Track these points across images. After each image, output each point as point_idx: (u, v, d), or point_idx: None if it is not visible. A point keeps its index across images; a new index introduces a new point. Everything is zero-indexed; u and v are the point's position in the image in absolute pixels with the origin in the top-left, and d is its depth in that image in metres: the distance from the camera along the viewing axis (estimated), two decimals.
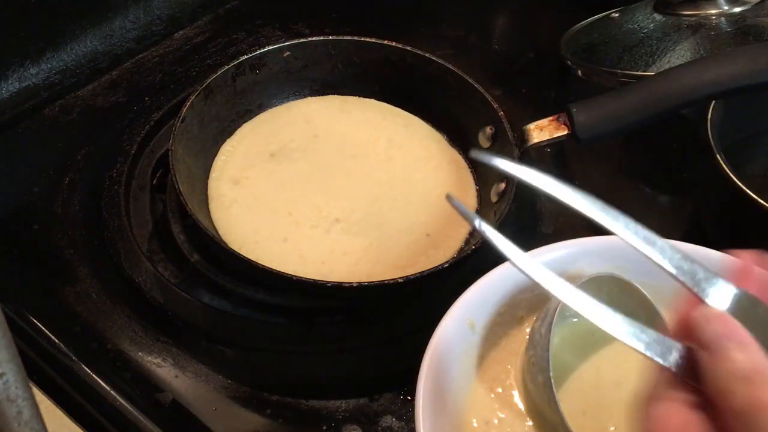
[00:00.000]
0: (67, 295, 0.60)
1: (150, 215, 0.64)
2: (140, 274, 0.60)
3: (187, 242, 0.60)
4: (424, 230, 0.63)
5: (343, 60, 0.72)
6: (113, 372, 0.55)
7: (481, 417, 0.45)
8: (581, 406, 0.45)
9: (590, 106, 0.61)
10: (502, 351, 0.48)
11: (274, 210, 0.63)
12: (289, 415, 0.54)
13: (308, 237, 0.61)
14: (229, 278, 0.58)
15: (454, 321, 0.45)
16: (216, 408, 0.54)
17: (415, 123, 0.72)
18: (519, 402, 0.46)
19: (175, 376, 0.55)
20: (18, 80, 0.74)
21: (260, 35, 0.85)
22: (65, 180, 0.68)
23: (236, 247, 0.58)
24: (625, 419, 0.45)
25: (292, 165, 0.66)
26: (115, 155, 0.69)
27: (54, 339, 0.56)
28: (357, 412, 0.54)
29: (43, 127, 0.73)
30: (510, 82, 0.82)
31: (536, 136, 0.62)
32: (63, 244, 0.63)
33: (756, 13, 0.68)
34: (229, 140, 0.68)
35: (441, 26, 0.88)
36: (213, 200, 0.63)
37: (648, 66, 0.67)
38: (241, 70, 0.68)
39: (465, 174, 0.68)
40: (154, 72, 0.79)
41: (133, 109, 0.75)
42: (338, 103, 0.72)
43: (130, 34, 0.82)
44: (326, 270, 0.59)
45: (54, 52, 0.76)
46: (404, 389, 0.55)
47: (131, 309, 0.59)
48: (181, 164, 0.60)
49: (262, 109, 0.71)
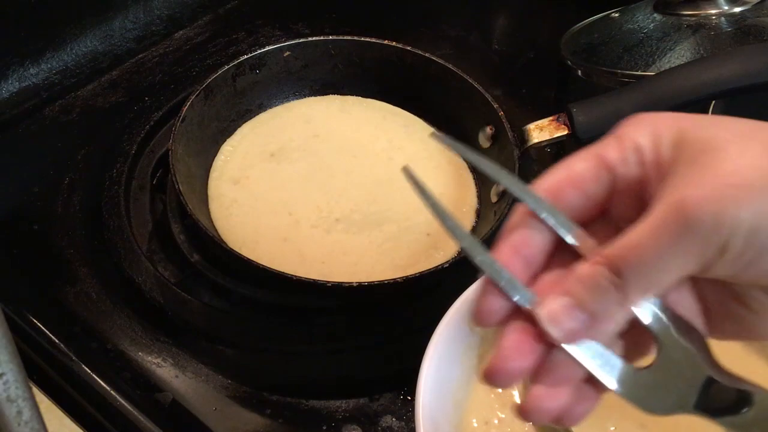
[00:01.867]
0: (67, 295, 0.60)
1: (150, 215, 0.64)
2: (140, 274, 0.60)
3: (187, 242, 0.60)
4: (424, 230, 0.63)
5: (343, 60, 0.72)
6: (113, 372, 0.55)
7: (481, 417, 0.45)
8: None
9: (590, 106, 0.61)
10: None
11: (274, 210, 0.63)
12: (289, 415, 0.54)
13: (308, 237, 0.61)
14: (229, 278, 0.58)
15: (454, 321, 0.45)
16: (216, 408, 0.54)
17: (415, 123, 0.72)
18: (519, 402, 0.46)
19: (175, 376, 0.55)
20: (18, 80, 0.74)
21: (260, 35, 0.85)
22: (65, 180, 0.68)
23: (236, 247, 0.58)
24: (625, 419, 0.45)
25: (292, 165, 0.66)
26: (115, 155, 0.69)
27: (54, 339, 0.56)
28: (357, 412, 0.54)
29: (43, 127, 0.73)
30: (510, 82, 0.82)
31: (536, 136, 0.62)
32: (63, 244, 0.63)
33: (756, 13, 0.68)
34: (229, 140, 0.68)
35: (441, 26, 0.88)
36: (213, 200, 0.63)
37: (648, 66, 0.66)
38: (241, 70, 0.68)
39: (465, 174, 0.68)
40: (154, 72, 0.79)
41: (133, 109, 0.75)
42: (338, 103, 0.72)
43: (130, 34, 0.82)
44: (326, 270, 0.59)
45: (54, 52, 0.76)
46: (404, 389, 0.55)
47: (131, 309, 0.59)
48: (181, 164, 0.60)
49: (262, 108, 0.71)
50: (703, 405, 0.30)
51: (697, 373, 0.30)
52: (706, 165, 0.28)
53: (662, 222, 0.27)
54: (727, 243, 0.27)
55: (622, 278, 0.28)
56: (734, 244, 0.27)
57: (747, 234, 0.27)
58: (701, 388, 0.30)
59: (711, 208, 0.26)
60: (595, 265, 0.29)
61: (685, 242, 0.27)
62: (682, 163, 0.28)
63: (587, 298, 0.29)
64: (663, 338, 0.30)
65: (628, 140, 0.30)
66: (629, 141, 0.30)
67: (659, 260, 0.28)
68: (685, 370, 0.30)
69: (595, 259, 0.29)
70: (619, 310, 0.29)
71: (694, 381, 0.30)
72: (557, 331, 0.30)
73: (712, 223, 0.26)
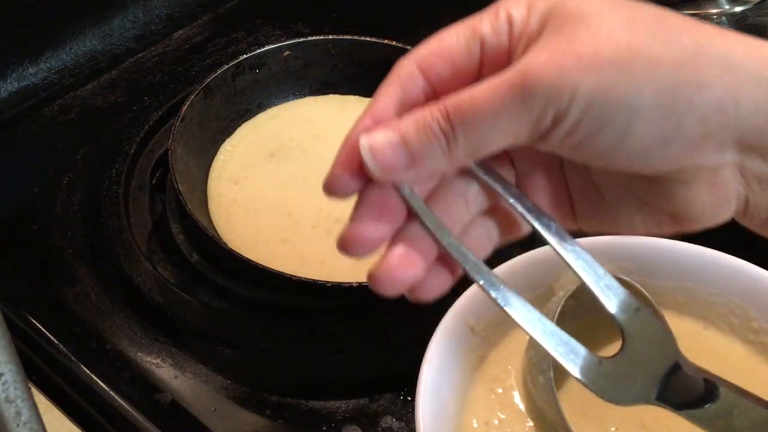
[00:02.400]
0: (66, 295, 0.59)
1: (149, 215, 0.64)
2: (139, 274, 0.60)
3: (187, 242, 0.60)
4: None
5: (343, 59, 0.72)
6: (112, 372, 0.55)
7: (481, 418, 0.45)
8: (582, 407, 0.45)
9: None
10: (502, 351, 0.48)
11: (273, 210, 0.63)
12: (288, 416, 0.54)
13: (308, 237, 0.61)
14: (229, 278, 0.58)
15: (454, 321, 0.45)
16: (215, 408, 0.54)
17: None
18: (519, 403, 0.46)
19: (174, 376, 0.55)
20: (17, 80, 0.74)
21: (260, 35, 0.85)
22: (64, 180, 0.68)
23: (236, 247, 0.58)
24: (627, 420, 0.45)
25: (291, 165, 0.66)
26: (114, 155, 0.69)
27: (53, 339, 0.56)
28: (357, 412, 0.54)
29: (42, 127, 0.73)
30: None
31: None
32: (62, 244, 0.63)
33: (757, 13, 0.68)
34: (229, 140, 0.68)
35: (441, 26, 0.87)
36: (212, 200, 0.63)
37: None
38: (240, 70, 0.68)
39: None
40: (154, 71, 0.79)
41: (132, 108, 0.74)
42: (338, 103, 0.72)
43: (129, 33, 0.81)
44: (326, 270, 0.59)
45: (53, 51, 0.76)
46: (404, 389, 0.55)
47: (130, 309, 0.59)
48: (181, 164, 0.60)
49: (262, 108, 0.71)
50: (665, 397, 0.31)
51: (660, 365, 0.30)
52: (563, 34, 0.27)
53: (504, 82, 0.27)
54: (563, 112, 0.26)
55: (453, 127, 0.28)
56: (571, 114, 0.26)
57: (585, 104, 0.26)
58: (663, 379, 0.31)
59: (553, 73, 0.26)
60: (432, 110, 0.28)
61: (520, 105, 0.26)
62: (545, 34, 0.28)
63: (414, 138, 0.28)
64: (628, 328, 0.30)
65: (502, 11, 0.30)
66: (503, 12, 0.30)
67: (491, 117, 0.27)
68: (648, 361, 0.31)
69: (434, 105, 0.28)
70: (442, 161, 0.28)
71: (656, 372, 0.30)
72: (374, 164, 0.29)
73: (550, 89, 0.26)
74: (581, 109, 0.26)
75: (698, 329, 0.49)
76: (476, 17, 0.31)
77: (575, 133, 0.27)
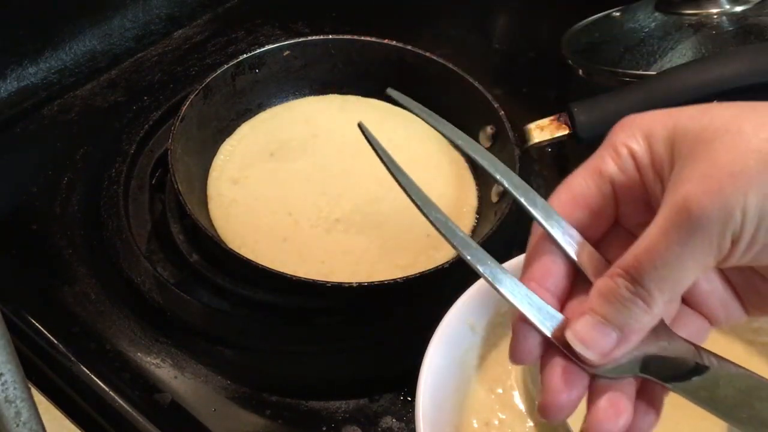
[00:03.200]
0: (65, 295, 0.59)
1: (149, 215, 0.64)
2: (139, 275, 0.60)
3: (187, 242, 0.60)
4: (424, 230, 0.62)
5: (343, 59, 0.72)
6: (112, 372, 0.55)
7: (481, 418, 0.45)
8: (582, 407, 0.45)
9: (591, 106, 0.61)
10: (502, 352, 0.48)
11: (273, 210, 0.63)
12: (288, 416, 0.54)
13: (308, 237, 0.61)
14: (229, 278, 0.58)
15: (454, 321, 0.45)
16: (215, 409, 0.54)
17: (415, 123, 0.71)
18: (520, 403, 0.46)
19: (174, 376, 0.55)
20: (16, 80, 0.74)
21: (260, 34, 0.85)
22: (64, 180, 0.68)
23: (236, 247, 0.58)
24: None
25: (291, 164, 0.66)
26: (113, 155, 0.69)
27: (52, 339, 0.56)
28: (357, 412, 0.54)
29: (41, 127, 0.73)
30: (510, 81, 0.82)
31: (537, 136, 0.62)
32: (61, 244, 0.63)
33: (758, 12, 0.67)
34: (229, 140, 0.68)
35: (441, 26, 0.88)
36: (212, 200, 0.63)
37: (649, 65, 0.66)
38: (240, 70, 0.68)
39: (465, 174, 0.68)
40: (153, 71, 0.79)
41: (132, 108, 0.74)
42: (338, 103, 0.72)
43: (129, 33, 0.81)
44: (326, 270, 0.59)
45: (52, 51, 0.76)
46: (404, 390, 0.55)
47: (130, 309, 0.59)
48: (180, 164, 0.60)
49: (262, 108, 0.71)
50: (648, 369, 0.31)
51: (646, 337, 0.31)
52: (702, 158, 0.27)
53: (669, 223, 0.27)
54: (738, 232, 0.27)
55: (643, 286, 0.28)
56: (746, 231, 0.27)
57: (757, 217, 0.27)
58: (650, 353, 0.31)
59: (715, 201, 0.26)
60: (613, 277, 0.29)
61: (695, 239, 0.27)
62: (680, 160, 0.28)
63: (611, 311, 0.29)
64: None
65: (622, 147, 0.30)
66: (623, 148, 0.30)
67: (675, 261, 0.27)
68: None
69: (611, 271, 0.29)
70: (647, 318, 0.29)
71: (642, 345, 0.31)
72: (591, 353, 0.29)
73: (719, 216, 0.26)
74: (754, 223, 0.27)
75: None
76: (595, 159, 0.31)
77: (754, 245, 0.27)
